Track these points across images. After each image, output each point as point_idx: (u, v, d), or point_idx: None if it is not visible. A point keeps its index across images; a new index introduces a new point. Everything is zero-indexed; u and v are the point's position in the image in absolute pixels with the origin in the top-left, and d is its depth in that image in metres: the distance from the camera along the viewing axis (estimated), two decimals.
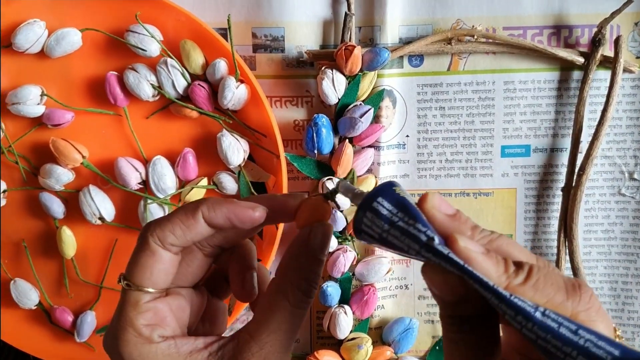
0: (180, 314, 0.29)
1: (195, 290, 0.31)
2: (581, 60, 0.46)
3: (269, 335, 0.27)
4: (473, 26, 0.46)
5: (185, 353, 0.27)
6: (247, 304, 0.47)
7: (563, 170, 0.48)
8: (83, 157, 0.46)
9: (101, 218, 0.46)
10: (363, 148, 0.47)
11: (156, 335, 0.28)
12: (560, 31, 0.47)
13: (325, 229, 0.28)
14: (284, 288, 0.28)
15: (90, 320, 0.48)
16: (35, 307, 0.48)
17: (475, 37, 0.46)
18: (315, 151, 0.46)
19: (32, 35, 0.44)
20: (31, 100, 0.45)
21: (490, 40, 0.46)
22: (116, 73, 0.46)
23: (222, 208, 0.28)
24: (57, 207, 0.47)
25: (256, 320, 0.28)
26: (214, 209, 0.28)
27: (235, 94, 0.44)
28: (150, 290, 0.28)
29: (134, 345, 0.27)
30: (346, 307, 0.48)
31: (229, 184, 0.46)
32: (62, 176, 0.46)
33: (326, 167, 0.47)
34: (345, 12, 0.45)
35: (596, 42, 0.46)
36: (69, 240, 0.47)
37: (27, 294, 0.48)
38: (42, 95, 0.46)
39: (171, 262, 0.29)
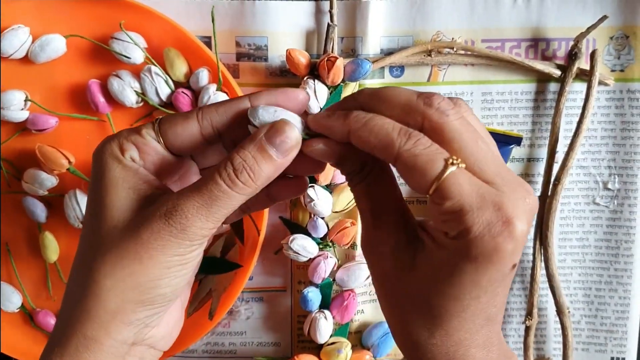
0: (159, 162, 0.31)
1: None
2: (558, 72, 0.47)
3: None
4: (452, 38, 0.47)
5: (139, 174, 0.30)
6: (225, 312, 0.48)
7: (539, 180, 0.49)
8: (70, 162, 0.46)
9: None
10: None
11: (129, 156, 0.30)
12: (538, 44, 0.48)
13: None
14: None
15: None
16: (18, 310, 0.49)
17: (455, 49, 0.47)
18: None
19: (16, 41, 0.45)
20: (15, 106, 0.46)
21: (469, 53, 0.47)
22: (97, 81, 0.46)
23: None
24: (40, 212, 0.47)
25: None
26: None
27: (212, 100, 0.44)
28: (162, 141, 0.30)
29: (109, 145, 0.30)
30: (326, 312, 0.48)
31: None
32: (46, 181, 0.46)
33: None
34: (328, 23, 0.46)
35: (573, 55, 0.47)
36: (52, 245, 0.47)
37: (10, 297, 0.48)
38: (26, 100, 0.46)
39: (195, 135, 0.30)
